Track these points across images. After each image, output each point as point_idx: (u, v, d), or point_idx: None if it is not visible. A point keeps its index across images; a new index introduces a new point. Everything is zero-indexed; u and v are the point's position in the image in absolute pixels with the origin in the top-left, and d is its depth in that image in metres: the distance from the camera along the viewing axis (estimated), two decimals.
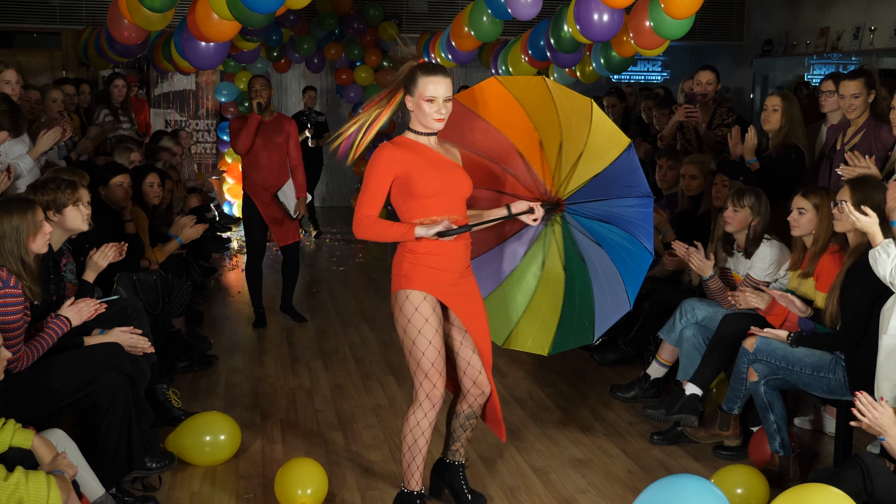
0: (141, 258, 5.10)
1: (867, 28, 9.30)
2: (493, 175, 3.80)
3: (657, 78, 13.45)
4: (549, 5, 6.95)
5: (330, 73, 12.25)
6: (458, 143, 3.67)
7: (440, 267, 3.40)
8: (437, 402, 3.49)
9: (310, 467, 3.75)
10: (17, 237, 3.47)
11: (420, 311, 3.40)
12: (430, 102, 3.36)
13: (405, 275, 3.42)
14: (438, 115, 3.37)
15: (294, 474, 3.70)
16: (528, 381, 5.47)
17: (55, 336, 3.59)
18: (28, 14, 10.48)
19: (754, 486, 3.63)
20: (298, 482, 3.66)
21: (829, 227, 4.00)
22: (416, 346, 3.42)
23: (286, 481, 3.69)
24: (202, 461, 4.14)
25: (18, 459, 2.95)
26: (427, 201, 3.38)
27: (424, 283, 3.40)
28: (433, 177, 3.37)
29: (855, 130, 4.75)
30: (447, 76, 3.39)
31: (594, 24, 5.92)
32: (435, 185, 3.37)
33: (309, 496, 3.64)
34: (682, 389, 4.42)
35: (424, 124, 3.42)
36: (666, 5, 5.43)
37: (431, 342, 3.40)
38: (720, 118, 5.86)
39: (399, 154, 3.39)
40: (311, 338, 6.41)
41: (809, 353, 3.93)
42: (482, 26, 7.09)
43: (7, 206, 3.52)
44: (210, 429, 4.15)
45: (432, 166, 3.39)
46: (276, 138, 6.29)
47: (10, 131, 4.71)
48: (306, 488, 3.64)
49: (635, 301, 5.30)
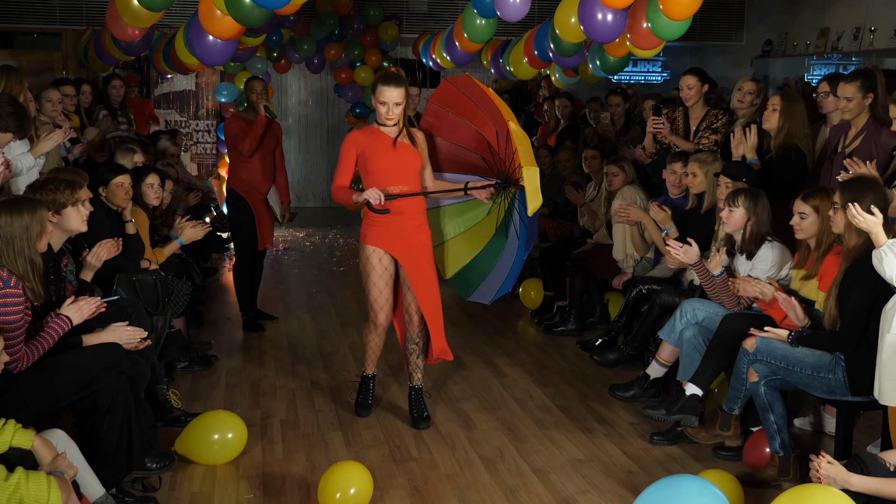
0: (141, 258, 5.10)
1: (867, 28, 9.29)
2: (469, 162, 4.76)
3: (657, 78, 13.44)
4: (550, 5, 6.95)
5: (330, 74, 12.26)
6: (446, 136, 4.72)
7: (387, 226, 4.44)
8: (379, 324, 4.62)
9: (356, 470, 3.73)
10: (28, 237, 3.47)
11: (370, 260, 4.52)
12: (382, 105, 4.36)
13: (363, 232, 4.55)
14: (388, 115, 4.38)
15: (340, 477, 3.68)
16: (528, 381, 5.47)
17: (56, 336, 3.59)
18: (28, 14, 10.48)
19: (729, 492, 3.59)
20: (342, 484, 3.65)
21: (831, 229, 4.00)
22: (367, 286, 4.57)
23: (331, 484, 3.66)
24: (212, 460, 4.15)
25: (19, 460, 2.95)
26: (377, 175, 4.42)
27: (375, 239, 4.48)
28: (382, 156, 4.41)
29: (856, 133, 4.73)
30: (399, 86, 4.34)
31: (598, 24, 5.91)
32: (383, 163, 4.40)
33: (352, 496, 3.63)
34: (682, 390, 4.42)
35: (378, 120, 4.45)
36: (665, 7, 5.42)
37: (376, 284, 4.53)
38: (708, 121, 5.75)
39: (359, 137, 4.46)
40: (311, 338, 6.41)
41: (809, 354, 3.93)
42: (475, 28, 7.10)
43: (15, 206, 3.51)
44: (217, 427, 4.16)
45: (383, 148, 4.42)
46: (269, 141, 6.34)
47: (15, 133, 4.71)
48: (349, 489, 3.63)
49: (635, 301, 5.44)
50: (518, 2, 6.10)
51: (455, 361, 5.85)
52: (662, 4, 5.43)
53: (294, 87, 13.14)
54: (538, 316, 6.87)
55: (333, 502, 3.62)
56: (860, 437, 4.29)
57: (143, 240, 5.07)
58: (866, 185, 3.74)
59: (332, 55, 11.22)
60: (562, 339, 6.38)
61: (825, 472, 3.06)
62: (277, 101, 12.90)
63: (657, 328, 4.98)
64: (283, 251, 9.81)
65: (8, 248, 3.46)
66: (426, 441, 4.52)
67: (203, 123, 11.97)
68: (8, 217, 3.48)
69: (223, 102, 11.49)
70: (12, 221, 3.46)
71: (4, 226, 3.46)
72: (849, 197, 3.67)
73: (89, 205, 4.06)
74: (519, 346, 6.26)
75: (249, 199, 6.35)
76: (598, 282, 6.41)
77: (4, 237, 3.46)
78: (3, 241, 3.46)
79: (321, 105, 13.32)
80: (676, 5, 5.36)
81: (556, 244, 6.88)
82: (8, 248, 3.46)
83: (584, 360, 5.82)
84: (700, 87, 5.79)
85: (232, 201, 6.45)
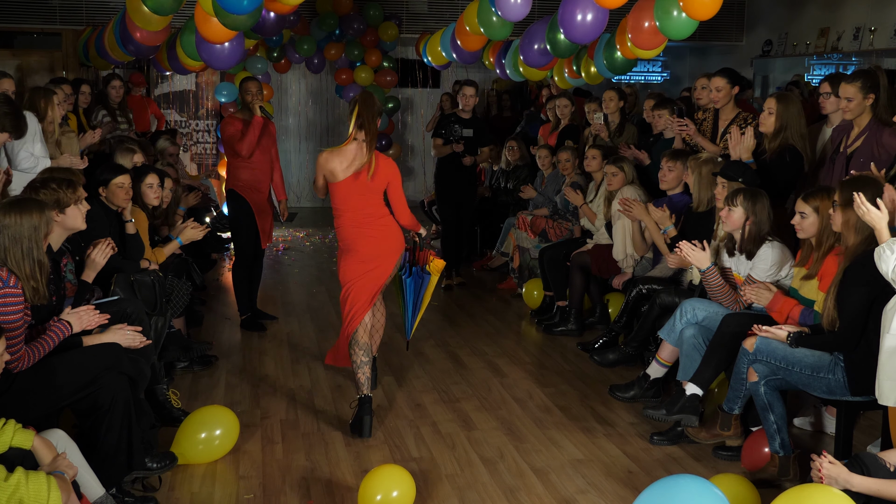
0: (140, 258, 5.10)
1: (867, 28, 9.29)
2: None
3: (657, 78, 13.44)
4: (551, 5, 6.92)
5: (330, 74, 12.26)
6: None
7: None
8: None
9: (399, 474, 3.71)
10: (37, 237, 3.45)
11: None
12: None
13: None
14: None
15: (382, 480, 3.66)
16: (528, 381, 5.47)
17: (57, 339, 3.58)
18: (28, 14, 10.48)
19: (744, 496, 3.59)
20: (384, 487, 3.62)
21: (832, 229, 4.00)
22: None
23: (371, 487, 3.64)
24: (205, 458, 4.16)
25: (19, 460, 2.95)
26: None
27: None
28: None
29: (858, 133, 4.73)
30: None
31: (577, 25, 5.90)
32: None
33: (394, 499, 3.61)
34: (682, 390, 4.42)
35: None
36: (685, 4, 5.35)
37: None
38: (737, 124, 5.64)
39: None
40: (311, 338, 6.41)
41: (809, 354, 3.93)
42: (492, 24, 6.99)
43: (24, 206, 3.48)
44: (207, 423, 4.17)
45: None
46: (266, 141, 6.37)
47: (11, 133, 4.72)
48: (391, 492, 3.60)
49: (635, 301, 5.44)
50: (519, 2, 6.09)
51: (455, 361, 5.85)
52: (683, 2, 5.38)
53: (294, 87, 13.13)
54: (538, 316, 6.86)
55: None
56: (860, 437, 4.28)
57: (142, 240, 5.07)
58: (864, 184, 3.74)
59: (332, 55, 11.22)
60: (562, 339, 6.38)
61: (827, 472, 3.06)
62: (277, 101, 12.89)
63: (657, 328, 4.98)
64: (283, 251, 9.81)
65: (15, 249, 3.42)
66: (426, 441, 4.52)
67: (203, 123, 11.97)
68: (17, 217, 3.44)
69: (223, 102, 11.48)
70: (21, 221, 3.43)
71: (13, 226, 3.42)
72: (848, 195, 3.68)
73: (86, 203, 4.06)
74: (519, 346, 6.26)
75: (249, 199, 6.36)
76: (598, 282, 6.41)
77: (12, 238, 3.42)
78: (10, 242, 3.41)
79: (321, 105, 13.31)
80: (700, 4, 5.28)
81: (556, 244, 6.88)
82: (15, 249, 3.42)
83: (584, 360, 5.82)
84: (730, 89, 5.72)
85: (232, 201, 6.46)
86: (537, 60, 7.31)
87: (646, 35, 6.01)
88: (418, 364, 5.79)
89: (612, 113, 7.23)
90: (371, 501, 3.60)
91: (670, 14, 5.59)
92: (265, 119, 6.27)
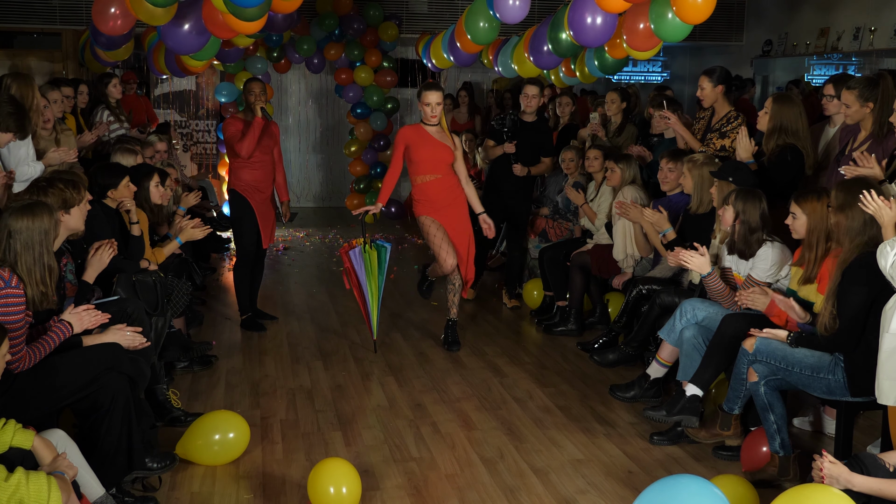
0: (141, 259, 5.10)
1: (867, 29, 9.29)
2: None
3: (657, 78, 13.44)
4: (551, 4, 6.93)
5: (330, 74, 12.25)
6: None
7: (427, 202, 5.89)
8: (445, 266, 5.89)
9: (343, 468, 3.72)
10: (47, 242, 3.43)
11: (425, 222, 5.89)
12: (426, 106, 5.77)
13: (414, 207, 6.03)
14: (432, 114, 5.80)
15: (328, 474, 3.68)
16: (528, 381, 5.47)
17: (57, 340, 3.58)
18: (28, 14, 10.48)
19: (744, 497, 3.59)
20: (333, 481, 3.64)
21: (823, 231, 4.01)
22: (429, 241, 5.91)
23: (319, 481, 3.66)
24: (214, 461, 4.16)
25: (19, 460, 2.95)
26: (418, 164, 5.84)
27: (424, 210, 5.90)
28: (422, 149, 5.80)
29: (865, 136, 4.70)
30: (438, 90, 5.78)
31: (587, 28, 5.90)
32: (422, 154, 5.80)
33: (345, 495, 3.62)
34: (682, 390, 4.42)
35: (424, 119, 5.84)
36: (678, 8, 5.35)
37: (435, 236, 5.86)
38: (720, 124, 5.67)
39: (407, 132, 5.86)
40: (311, 338, 6.41)
41: (809, 354, 3.93)
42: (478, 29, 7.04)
43: (33, 210, 3.46)
44: (219, 427, 4.16)
45: (424, 142, 5.81)
46: (267, 141, 6.37)
47: (15, 133, 4.72)
48: (341, 487, 3.62)
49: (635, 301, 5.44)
50: (517, 3, 6.08)
51: (455, 361, 5.86)
52: (676, 6, 5.37)
53: (294, 87, 13.12)
54: (538, 316, 6.87)
55: (327, 498, 3.62)
56: (860, 437, 4.28)
57: (143, 240, 5.07)
58: (862, 185, 3.74)
59: (332, 55, 11.21)
60: (562, 339, 6.38)
61: (828, 471, 3.06)
62: (277, 101, 12.89)
63: (657, 328, 4.98)
64: (283, 251, 9.81)
65: (27, 255, 3.39)
66: (426, 441, 4.52)
67: (203, 123, 11.96)
68: (29, 221, 3.41)
69: (223, 102, 11.48)
70: (32, 226, 3.40)
71: (24, 231, 3.40)
72: (842, 199, 3.73)
73: (87, 204, 4.07)
74: (519, 346, 6.26)
75: (251, 200, 6.37)
76: (598, 282, 6.41)
77: (24, 244, 3.39)
78: (22, 248, 3.39)
79: (321, 105, 13.30)
80: (691, 8, 5.27)
81: (556, 244, 6.88)
82: (27, 255, 3.39)
83: (584, 360, 5.82)
84: (713, 87, 5.66)
85: (233, 201, 6.46)
86: (547, 62, 7.29)
87: (641, 37, 6.01)
88: (418, 364, 5.79)
89: (614, 114, 7.23)
90: (323, 495, 3.63)
91: (665, 17, 5.59)
92: (266, 120, 6.28)
